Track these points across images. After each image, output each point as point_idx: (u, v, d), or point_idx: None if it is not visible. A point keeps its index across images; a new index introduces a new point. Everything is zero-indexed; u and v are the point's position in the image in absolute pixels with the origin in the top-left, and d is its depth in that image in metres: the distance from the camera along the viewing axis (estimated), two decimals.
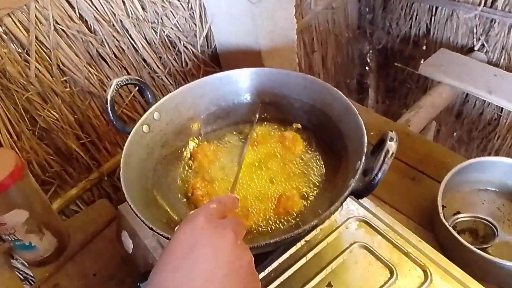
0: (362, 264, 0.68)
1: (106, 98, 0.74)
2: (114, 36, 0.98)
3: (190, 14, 1.10)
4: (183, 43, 1.12)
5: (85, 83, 0.97)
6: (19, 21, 0.84)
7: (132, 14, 0.98)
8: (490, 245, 0.80)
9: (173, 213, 0.73)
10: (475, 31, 1.49)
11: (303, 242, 0.70)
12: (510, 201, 0.89)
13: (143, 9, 1.00)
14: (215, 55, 1.20)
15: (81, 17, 0.92)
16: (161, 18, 1.04)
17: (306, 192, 0.75)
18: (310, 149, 0.81)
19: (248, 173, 0.77)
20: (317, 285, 0.65)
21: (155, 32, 1.05)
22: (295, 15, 1.07)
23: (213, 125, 0.87)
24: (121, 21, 0.98)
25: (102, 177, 1.10)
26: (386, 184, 0.89)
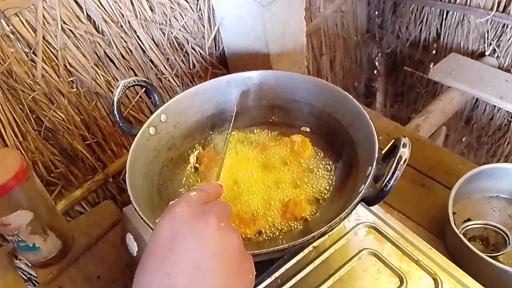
0: (371, 272, 0.67)
1: (113, 100, 0.73)
2: (122, 37, 0.98)
3: (199, 16, 1.09)
4: (191, 45, 1.11)
5: (92, 84, 0.96)
6: (27, 21, 0.83)
7: (141, 15, 0.98)
8: (502, 253, 0.79)
9: None
10: (487, 36, 1.48)
11: (311, 248, 0.70)
12: None
13: (152, 10, 1.00)
14: (223, 58, 1.19)
15: (89, 18, 0.92)
16: (169, 20, 1.04)
17: (315, 198, 0.73)
18: (319, 154, 0.80)
19: (255, 177, 0.76)
20: None
21: (163, 34, 1.04)
22: (304, 18, 1.06)
23: (221, 128, 0.86)
24: (129, 22, 0.97)
25: (108, 178, 1.10)
26: (396, 191, 0.82)
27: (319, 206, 0.72)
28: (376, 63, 1.92)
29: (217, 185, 0.52)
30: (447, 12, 1.55)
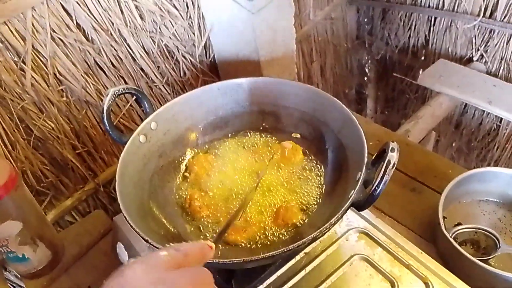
0: (363, 277, 0.67)
1: (103, 107, 0.73)
2: (112, 45, 0.97)
3: (189, 24, 1.09)
4: (182, 53, 1.11)
5: (82, 93, 0.96)
6: (16, 29, 0.83)
7: (130, 23, 0.98)
8: (492, 257, 0.79)
9: (170, 225, 0.72)
10: (474, 42, 1.49)
11: (303, 255, 0.70)
12: None
13: (142, 18, 1.00)
14: (214, 65, 1.19)
15: (79, 26, 0.91)
16: (160, 28, 1.04)
17: (306, 204, 0.74)
18: (310, 160, 0.81)
19: (246, 184, 0.77)
20: None
21: (153, 42, 1.04)
22: (294, 25, 1.07)
23: (211, 135, 0.87)
24: (119, 30, 0.97)
25: (98, 188, 1.09)
26: (386, 195, 0.85)
27: (310, 212, 0.73)
28: (366, 70, 1.93)
29: (204, 246, 0.40)
30: (435, 18, 1.56)
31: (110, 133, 0.75)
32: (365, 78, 1.96)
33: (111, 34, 0.96)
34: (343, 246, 0.71)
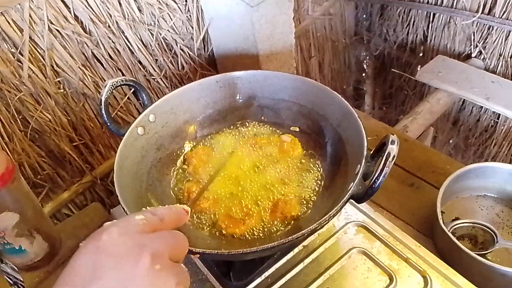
0: (361, 270, 0.67)
1: (100, 99, 0.73)
2: (110, 38, 0.97)
3: (187, 17, 1.09)
4: (180, 46, 1.11)
5: (79, 85, 0.95)
6: (13, 20, 0.82)
7: (129, 16, 0.97)
8: (490, 251, 0.79)
9: None
10: (473, 38, 1.49)
11: (301, 247, 0.70)
12: (509, 207, 0.88)
13: (140, 11, 0.99)
14: (212, 59, 1.19)
15: (77, 18, 0.91)
16: (158, 20, 1.03)
17: (305, 197, 0.74)
18: (308, 153, 0.80)
19: (245, 177, 0.76)
20: None
21: (152, 34, 1.03)
22: (293, 20, 1.06)
23: (210, 128, 0.86)
24: (117, 23, 0.96)
25: (95, 181, 1.08)
26: (385, 191, 0.88)
27: (309, 205, 0.73)
28: (365, 66, 1.93)
29: (179, 210, 0.42)
30: (434, 15, 1.56)
31: (108, 125, 0.74)
32: (363, 74, 1.96)
33: (109, 27, 0.95)
34: (342, 240, 0.71)
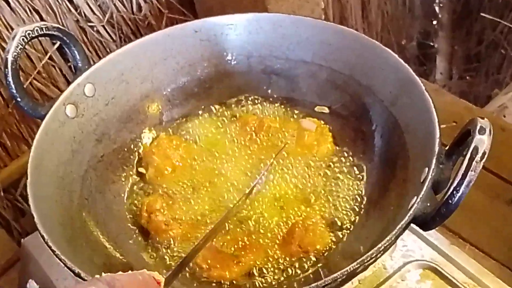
0: None
1: (6, 59, 0.59)
2: None
3: None
4: None
5: None
6: None
7: None
8: None
9: (116, 250, 0.58)
10: None
11: None
12: None
13: None
14: None
15: None
16: None
17: (337, 220, 0.60)
18: (344, 149, 0.66)
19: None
20: None
21: None
22: None
23: (183, 107, 0.72)
24: None
25: None
26: (468, 211, 0.73)
27: (344, 233, 0.59)
28: (437, 8, 1.65)
29: (148, 280, 0.37)
30: None
31: (18, 101, 0.60)
32: (434, 23, 1.71)
33: None
34: None
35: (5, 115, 0.88)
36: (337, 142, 0.67)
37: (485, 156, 0.45)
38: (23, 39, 0.59)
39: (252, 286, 0.56)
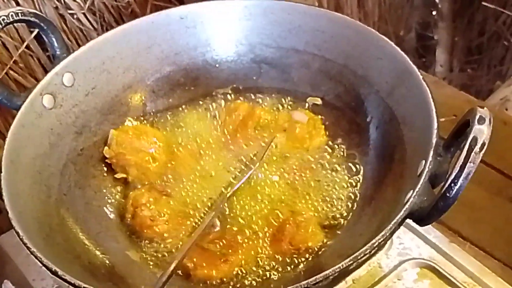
0: None
1: None
2: None
3: None
4: None
5: None
6: None
7: None
8: None
9: (97, 249, 0.56)
10: None
11: None
12: None
13: None
14: None
15: None
16: None
17: (330, 216, 0.59)
18: (338, 142, 0.64)
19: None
20: None
21: None
22: None
23: (168, 98, 0.70)
24: None
25: None
26: (468, 208, 0.72)
27: (336, 230, 0.58)
28: None
29: None
30: None
31: None
32: (434, 13, 1.70)
33: None
34: None
35: None
36: (331, 135, 0.65)
37: (485, 147, 0.44)
38: None
39: (241, 285, 0.54)
